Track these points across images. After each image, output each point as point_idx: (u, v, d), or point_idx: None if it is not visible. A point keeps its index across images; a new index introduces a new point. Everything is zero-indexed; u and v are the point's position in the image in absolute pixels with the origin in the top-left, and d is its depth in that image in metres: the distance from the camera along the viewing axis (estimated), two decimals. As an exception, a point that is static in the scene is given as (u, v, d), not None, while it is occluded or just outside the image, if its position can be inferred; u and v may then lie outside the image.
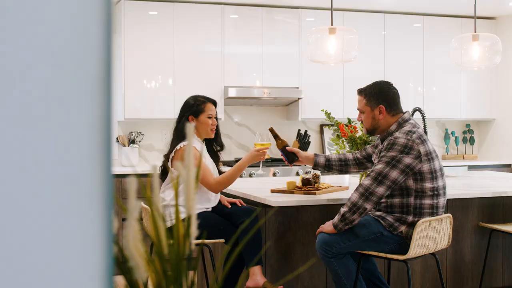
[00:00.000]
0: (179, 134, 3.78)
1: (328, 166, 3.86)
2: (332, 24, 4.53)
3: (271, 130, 3.84)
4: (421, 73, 7.09)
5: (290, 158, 3.81)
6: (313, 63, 5.05)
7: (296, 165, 6.30)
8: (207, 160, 3.82)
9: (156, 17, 6.15)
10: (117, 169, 5.86)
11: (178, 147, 3.72)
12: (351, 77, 6.74)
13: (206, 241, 3.65)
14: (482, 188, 4.33)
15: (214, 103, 3.87)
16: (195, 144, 3.76)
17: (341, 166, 3.87)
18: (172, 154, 3.73)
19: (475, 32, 4.92)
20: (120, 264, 0.86)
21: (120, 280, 0.92)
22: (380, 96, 3.46)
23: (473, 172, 5.99)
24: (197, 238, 3.62)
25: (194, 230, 0.93)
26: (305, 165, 6.31)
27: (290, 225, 3.81)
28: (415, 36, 7.06)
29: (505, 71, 7.25)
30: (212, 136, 3.85)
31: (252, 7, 6.48)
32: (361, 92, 3.54)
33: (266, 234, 3.75)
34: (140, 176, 5.53)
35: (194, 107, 3.80)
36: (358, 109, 3.56)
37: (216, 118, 3.86)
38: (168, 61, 6.17)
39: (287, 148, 3.80)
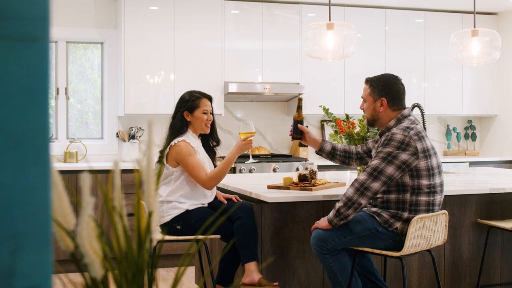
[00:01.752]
0: (174, 130, 3.78)
1: (332, 154, 3.86)
2: (330, 20, 4.51)
3: (299, 100, 3.87)
4: (423, 69, 7.06)
5: (296, 134, 3.83)
6: (314, 59, 5.03)
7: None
8: (202, 156, 3.81)
9: (157, 12, 6.14)
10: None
11: (172, 143, 3.72)
12: (352, 73, 6.72)
13: (202, 237, 3.65)
14: (481, 184, 4.31)
15: (209, 98, 3.86)
16: (190, 140, 3.76)
17: (344, 158, 3.87)
18: (167, 150, 3.72)
19: (475, 27, 4.89)
20: (77, 261, 0.86)
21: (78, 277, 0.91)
22: (384, 89, 3.45)
23: (474, 168, 5.97)
24: (194, 234, 3.64)
25: (155, 226, 0.92)
26: (305, 160, 6.30)
27: (287, 221, 3.80)
28: (417, 32, 7.03)
29: (507, 67, 7.21)
30: (207, 131, 3.84)
31: (252, 3, 6.46)
32: (367, 81, 3.55)
33: (262, 231, 3.74)
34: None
35: (189, 103, 3.79)
36: (362, 97, 3.56)
37: (212, 113, 3.86)
38: (168, 56, 6.17)
39: (299, 125, 3.82)
